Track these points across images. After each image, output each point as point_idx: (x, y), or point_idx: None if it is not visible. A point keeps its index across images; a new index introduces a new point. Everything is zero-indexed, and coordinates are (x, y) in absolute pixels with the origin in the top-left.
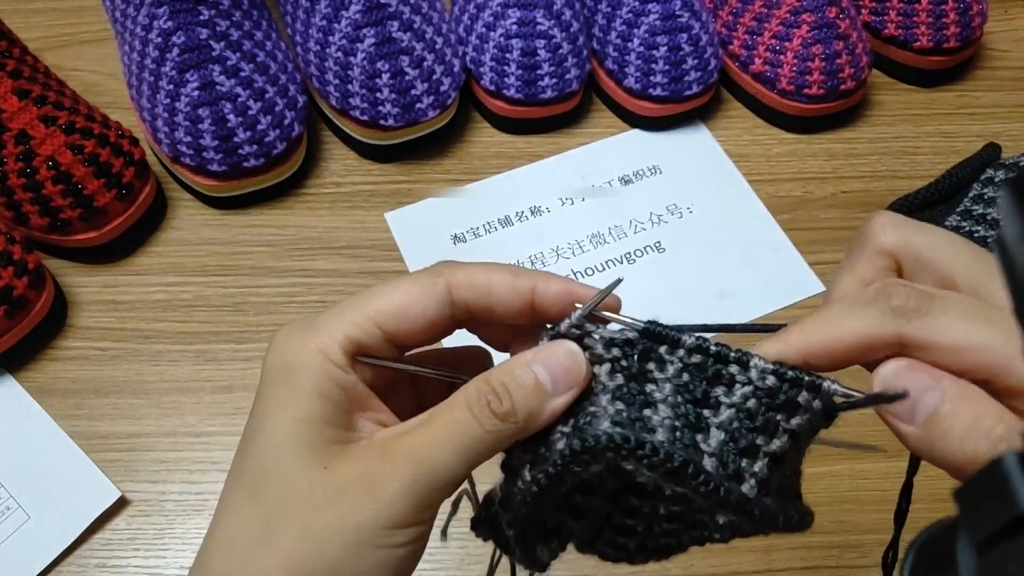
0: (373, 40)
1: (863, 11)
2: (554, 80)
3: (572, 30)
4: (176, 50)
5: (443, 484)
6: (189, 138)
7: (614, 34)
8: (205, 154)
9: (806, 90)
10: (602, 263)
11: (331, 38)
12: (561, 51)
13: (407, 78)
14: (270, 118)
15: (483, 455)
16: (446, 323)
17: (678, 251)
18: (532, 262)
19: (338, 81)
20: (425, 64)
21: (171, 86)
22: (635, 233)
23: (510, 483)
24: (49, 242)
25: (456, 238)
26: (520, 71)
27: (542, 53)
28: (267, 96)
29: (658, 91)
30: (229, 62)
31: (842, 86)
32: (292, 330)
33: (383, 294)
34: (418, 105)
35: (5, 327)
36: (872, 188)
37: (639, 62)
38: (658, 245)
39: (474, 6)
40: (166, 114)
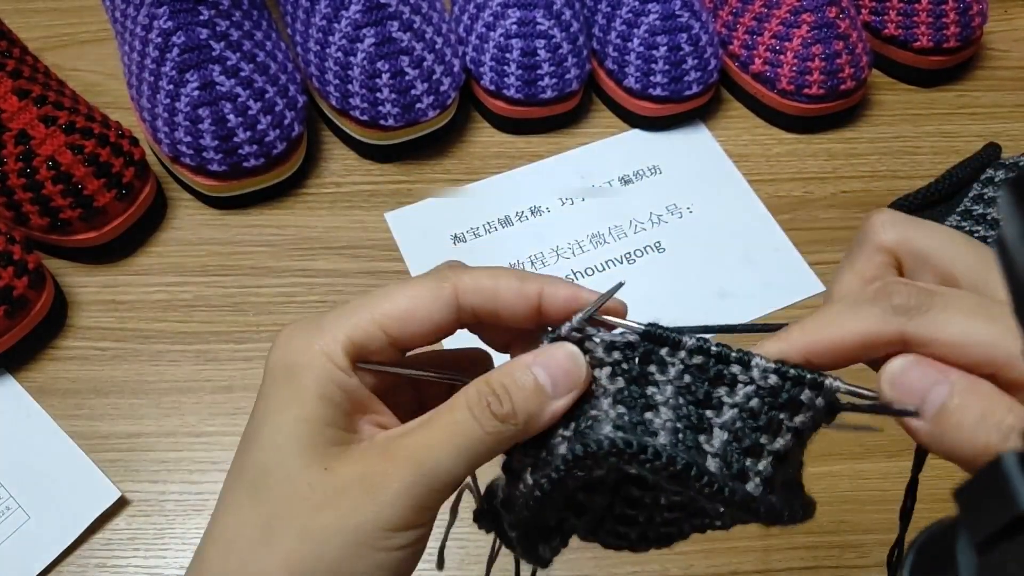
0: (373, 40)
1: (863, 11)
2: (554, 80)
3: (572, 30)
4: (176, 50)
5: (443, 485)
6: (189, 138)
7: (614, 34)
8: (205, 154)
9: (806, 90)
10: (602, 263)
11: (331, 38)
12: (561, 51)
13: (407, 78)
14: (270, 118)
15: (483, 457)
16: (451, 327)
17: (678, 251)
18: (532, 262)
19: (338, 81)
20: (425, 64)
21: (171, 86)
22: (635, 233)
23: (512, 485)
24: (49, 242)
25: (456, 238)
26: (520, 71)
27: (542, 53)
28: (267, 96)
29: (658, 91)
30: (229, 62)
31: (842, 86)
32: (296, 330)
33: (389, 297)
34: (418, 105)
35: (5, 327)
36: (872, 188)
37: (639, 62)
38: (658, 245)
39: (474, 6)
40: (166, 114)
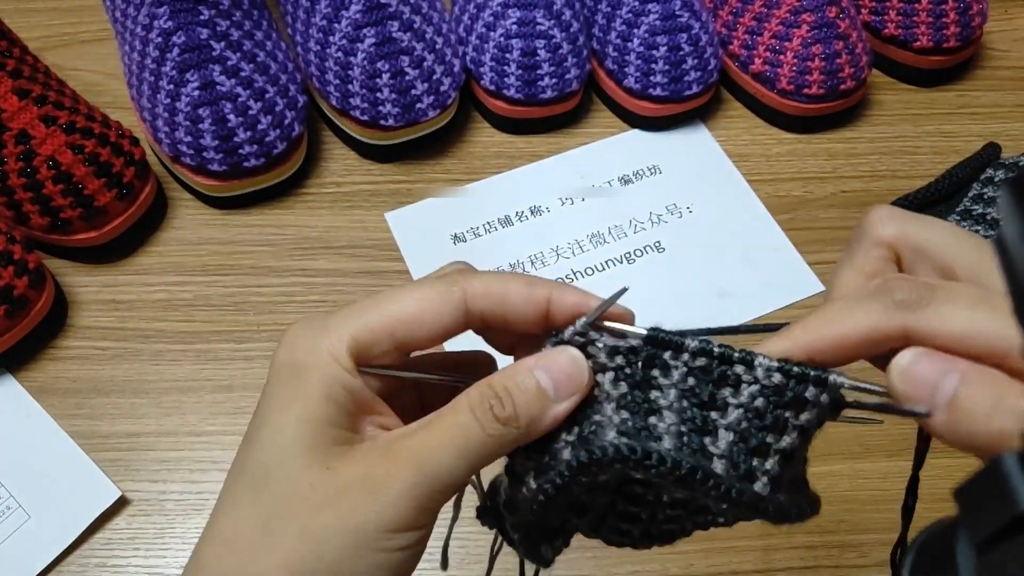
0: (373, 40)
1: (863, 11)
2: (554, 80)
3: (572, 30)
4: (176, 50)
5: (444, 487)
6: (189, 138)
7: (614, 34)
8: (205, 154)
9: (806, 90)
10: (602, 263)
11: (331, 38)
12: (561, 51)
13: (407, 78)
14: (270, 118)
15: (485, 459)
16: (459, 330)
17: (678, 251)
18: (532, 262)
19: (338, 81)
20: (425, 64)
21: (171, 86)
22: (635, 233)
23: (514, 488)
24: (49, 242)
25: (456, 238)
26: (520, 71)
27: (542, 53)
28: (267, 96)
29: (658, 91)
30: (229, 62)
31: (842, 86)
32: (302, 329)
33: (397, 300)
34: (418, 105)
35: (5, 327)
36: (872, 188)
37: (639, 62)
38: (658, 245)
39: (474, 6)
40: (166, 114)
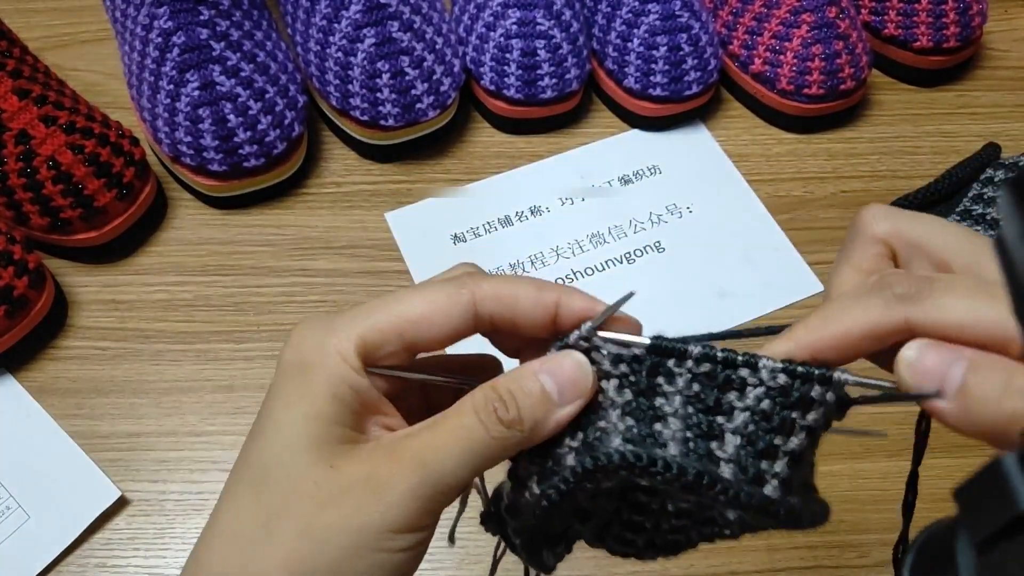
0: (373, 40)
1: (863, 11)
2: (554, 80)
3: (572, 30)
4: (176, 50)
5: (447, 489)
6: (189, 138)
7: (614, 34)
8: (205, 154)
9: (806, 90)
10: (602, 263)
11: (331, 38)
12: (561, 51)
13: (407, 78)
14: (270, 118)
15: (488, 462)
16: (467, 333)
17: (678, 251)
18: (532, 262)
19: (338, 81)
20: (425, 64)
21: (171, 86)
22: (635, 233)
23: (517, 492)
24: (49, 242)
25: (456, 238)
26: (520, 71)
27: (542, 53)
28: (267, 96)
29: (658, 91)
30: (229, 62)
31: (842, 86)
32: (310, 328)
33: (406, 300)
34: (418, 105)
35: (5, 327)
36: (872, 188)
37: (639, 62)
38: (658, 245)
39: (474, 6)
40: (166, 114)
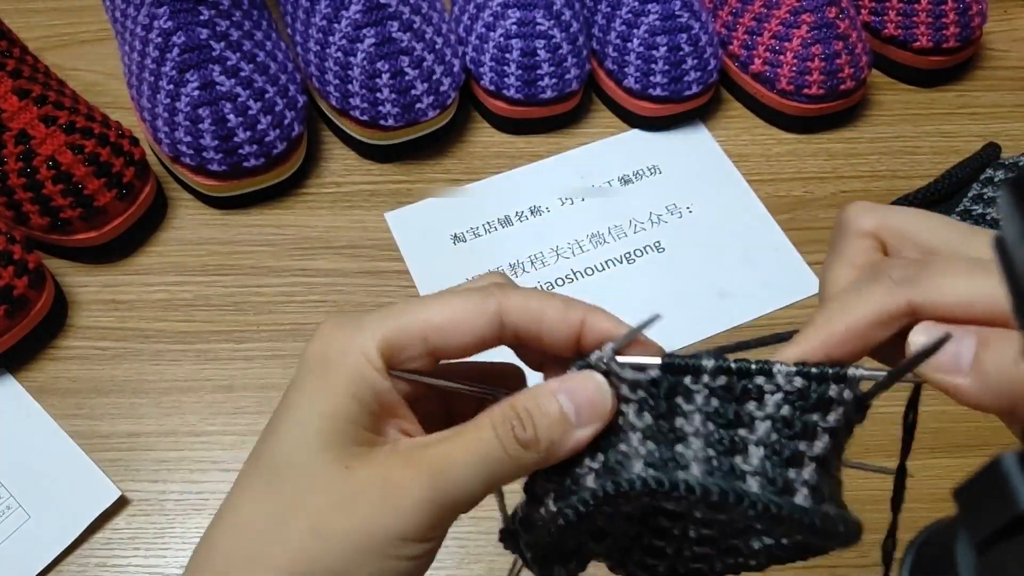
0: (373, 40)
1: (863, 11)
2: (554, 80)
3: (572, 30)
4: (176, 50)
5: (460, 502)
6: (189, 138)
7: (614, 34)
8: (205, 154)
9: (806, 90)
10: (602, 263)
11: (331, 38)
12: (561, 51)
13: (407, 78)
14: (270, 118)
15: (502, 479)
16: (491, 343)
17: (678, 251)
18: (532, 262)
19: (338, 81)
20: (425, 64)
21: (171, 86)
22: (635, 233)
23: (532, 507)
24: (49, 242)
25: (456, 238)
26: (520, 71)
27: (542, 53)
28: (267, 96)
29: (658, 91)
30: (229, 62)
31: (842, 86)
32: (336, 325)
33: (432, 305)
34: (418, 105)
35: (5, 327)
36: (872, 188)
37: (639, 62)
38: (658, 245)
39: (474, 6)
40: (166, 114)
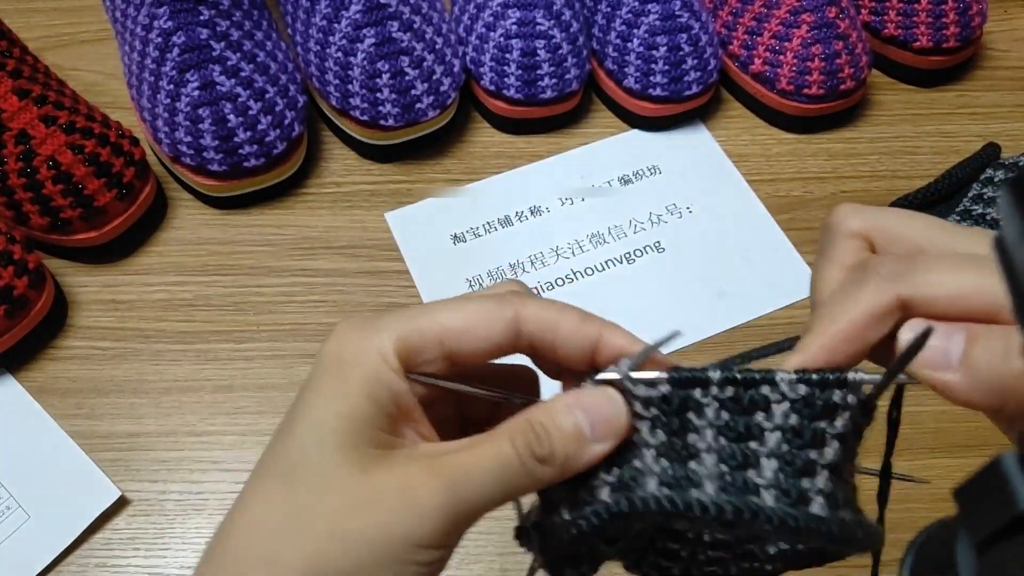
0: (373, 40)
1: (863, 11)
2: (554, 80)
3: (572, 30)
4: (176, 50)
5: (476, 511)
6: (189, 138)
7: (614, 34)
8: (205, 154)
9: (806, 90)
10: (602, 263)
11: (331, 38)
12: (561, 51)
13: (407, 78)
14: (270, 118)
15: (519, 491)
16: (507, 351)
17: (678, 251)
18: (532, 262)
19: (338, 81)
20: (425, 64)
21: (171, 86)
22: (635, 233)
23: (546, 513)
24: (49, 242)
25: (456, 238)
26: (520, 71)
27: (542, 53)
28: (267, 96)
29: (658, 91)
30: (229, 62)
31: (842, 86)
32: (353, 327)
33: (450, 310)
34: (418, 105)
35: (5, 327)
36: (872, 188)
37: (639, 62)
38: (658, 245)
39: (474, 6)
40: (166, 114)
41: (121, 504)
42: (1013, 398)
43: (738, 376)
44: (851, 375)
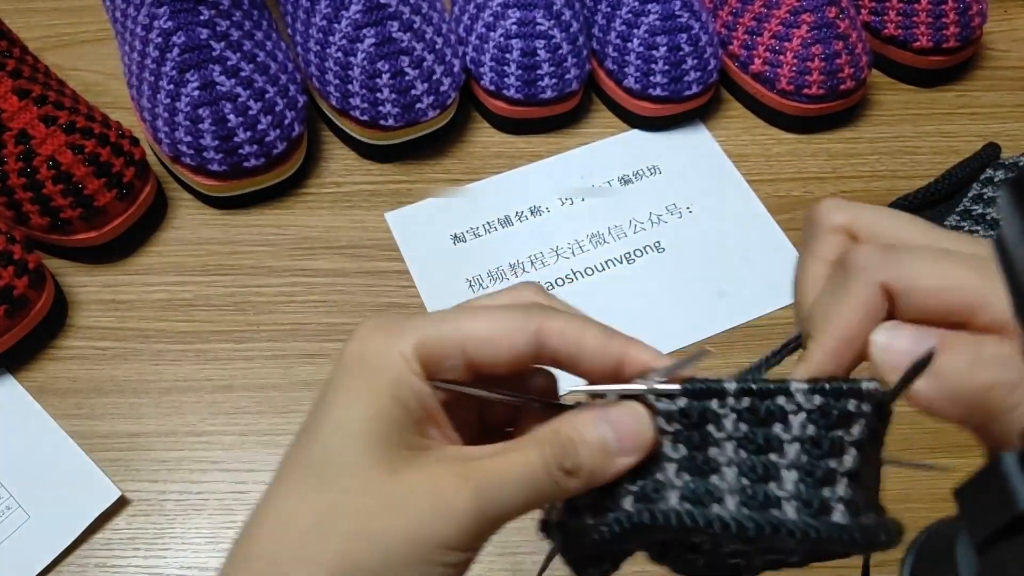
0: (373, 40)
1: (863, 11)
2: (554, 80)
3: (572, 30)
4: (176, 50)
5: (503, 517)
6: (189, 138)
7: (614, 34)
8: (205, 154)
9: (806, 90)
10: (602, 263)
11: (331, 38)
12: (561, 51)
13: (407, 78)
14: (270, 118)
15: (545, 500)
16: (528, 363)
17: (678, 251)
18: (532, 262)
19: (338, 81)
20: (425, 64)
21: (171, 86)
22: (635, 233)
23: (569, 515)
24: (49, 242)
25: (456, 238)
26: (520, 71)
27: (542, 53)
28: (267, 96)
29: (658, 91)
30: (229, 62)
31: (842, 86)
32: (376, 328)
33: (474, 318)
34: (418, 105)
35: (5, 327)
36: (872, 188)
37: (639, 62)
38: (658, 245)
39: (474, 6)
40: (166, 114)
41: (121, 504)
42: (979, 410)
43: (755, 387)
44: (864, 384)
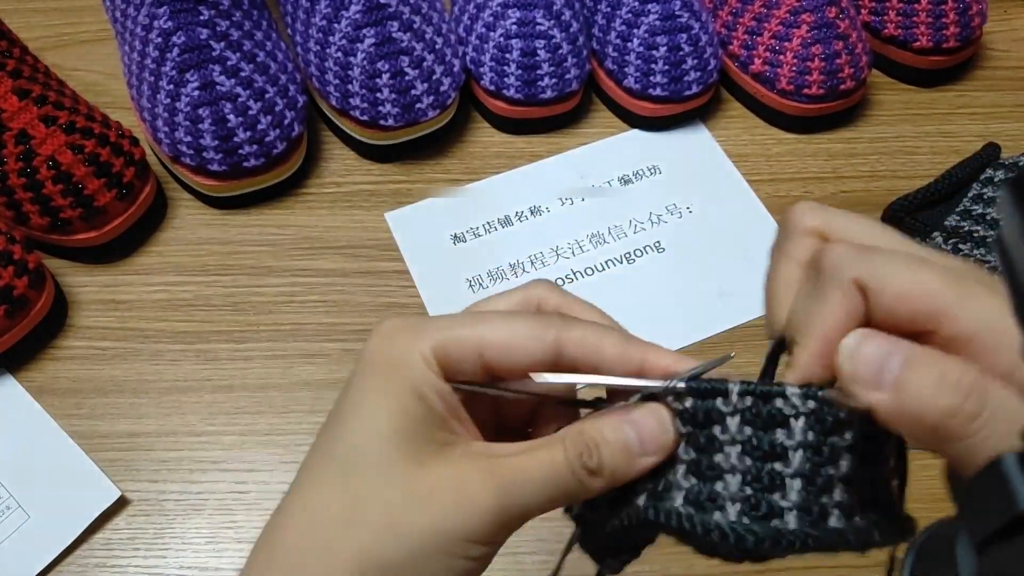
0: (373, 40)
1: (863, 11)
2: (554, 80)
3: (572, 30)
4: (176, 50)
5: (526, 513)
6: (189, 138)
7: (614, 34)
8: (205, 154)
9: (806, 90)
10: (602, 263)
11: (331, 38)
12: (561, 51)
13: (407, 78)
14: (270, 118)
15: (568, 498)
16: (546, 369)
17: (678, 251)
18: (532, 262)
19: (338, 81)
20: (425, 64)
21: (171, 86)
22: (635, 233)
23: (587, 506)
24: (49, 242)
25: (456, 238)
26: (520, 71)
27: (542, 53)
28: (267, 96)
29: (658, 91)
30: (229, 62)
31: (842, 86)
32: (397, 328)
33: (490, 321)
34: (418, 105)
35: (5, 327)
36: (872, 188)
37: (639, 62)
38: (658, 245)
39: (474, 6)
40: (166, 114)
41: (121, 504)
42: (936, 433)
43: (757, 389)
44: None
